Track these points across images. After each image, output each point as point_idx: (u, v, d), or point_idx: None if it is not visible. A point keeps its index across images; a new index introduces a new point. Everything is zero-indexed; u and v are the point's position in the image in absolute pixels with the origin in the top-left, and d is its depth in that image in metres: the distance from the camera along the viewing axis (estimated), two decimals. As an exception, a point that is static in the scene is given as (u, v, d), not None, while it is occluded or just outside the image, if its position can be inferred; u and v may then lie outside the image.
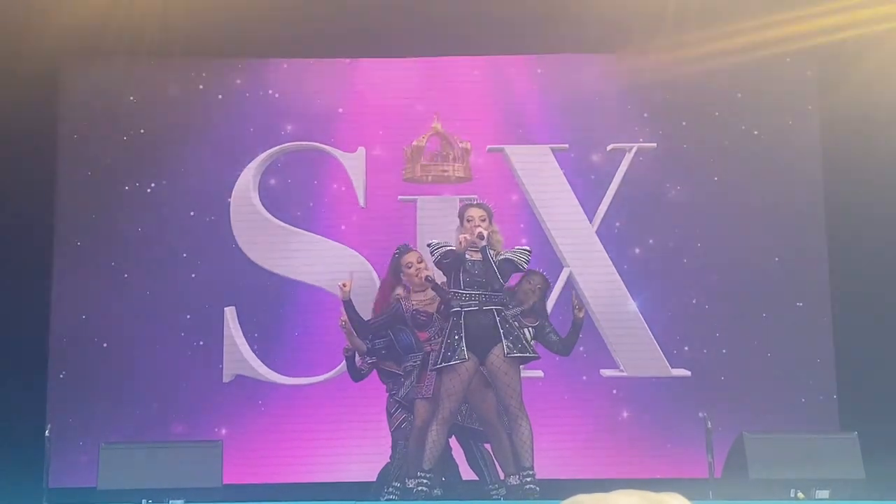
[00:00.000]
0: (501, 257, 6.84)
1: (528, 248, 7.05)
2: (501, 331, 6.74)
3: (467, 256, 6.81)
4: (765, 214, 9.09)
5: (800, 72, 9.26)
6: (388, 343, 7.36)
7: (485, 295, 6.79)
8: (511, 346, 6.73)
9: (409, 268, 7.32)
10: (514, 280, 7.21)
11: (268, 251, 9.05)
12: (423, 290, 7.27)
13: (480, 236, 6.77)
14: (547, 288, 7.54)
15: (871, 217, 8.76)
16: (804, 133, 9.19)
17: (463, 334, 6.72)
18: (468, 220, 6.91)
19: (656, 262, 9.06)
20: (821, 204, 9.11)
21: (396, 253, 7.48)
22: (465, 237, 6.82)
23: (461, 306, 6.78)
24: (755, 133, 9.17)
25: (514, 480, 6.84)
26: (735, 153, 9.17)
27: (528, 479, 6.74)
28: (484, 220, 6.90)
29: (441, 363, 6.76)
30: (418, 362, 7.17)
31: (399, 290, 7.38)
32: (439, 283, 7.06)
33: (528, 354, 6.83)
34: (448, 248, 6.86)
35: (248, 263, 9.01)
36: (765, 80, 9.24)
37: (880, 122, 8.68)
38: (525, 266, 6.91)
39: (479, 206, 7.06)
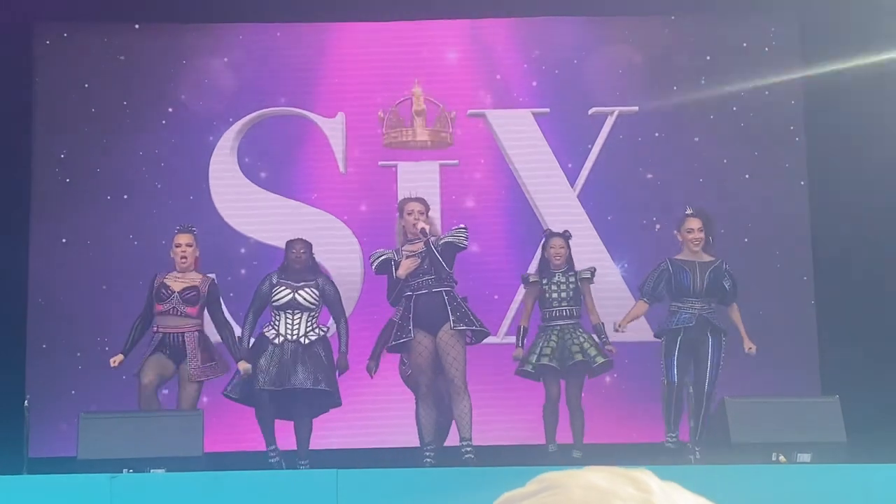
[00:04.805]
0: (442, 242, 7.16)
1: (463, 225, 7.39)
2: (449, 308, 7.09)
3: (405, 252, 7.14)
4: (746, 176, 9.06)
5: (786, 39, 9.22)
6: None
7: (433, 279, 7.11)
8: (456, 320, 7.08)
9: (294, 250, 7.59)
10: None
11: (248, 217, 9.00)
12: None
13: (423, 232, 7.11)
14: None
15: (852, 181, 8.74)
16: (787, 97, 9.16)
17: (411, 315, 7.09)
18: (408, 214, 7.25)
19: (638, 226, 9.02)
20: (803, 165, 9.10)
21: None
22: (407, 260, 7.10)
23: (412, 291, 7.12)
24: (738, 96, 9.13)
25: (428, 451, 7.14)
26: (717, 116, 9.13)
27: (468, 449, 7.06)
28: (422, 214, 7.23)
29: (392, 342, 7.21)
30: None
31: None
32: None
33: (474, 327, 7.18)
34: (382, 258, 7.21)
35: (228, 230, 8.95)
36: (750, 43, 9.20)
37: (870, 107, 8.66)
38: (465, 243, 7.27)
39: (416, 200, 7.35)
